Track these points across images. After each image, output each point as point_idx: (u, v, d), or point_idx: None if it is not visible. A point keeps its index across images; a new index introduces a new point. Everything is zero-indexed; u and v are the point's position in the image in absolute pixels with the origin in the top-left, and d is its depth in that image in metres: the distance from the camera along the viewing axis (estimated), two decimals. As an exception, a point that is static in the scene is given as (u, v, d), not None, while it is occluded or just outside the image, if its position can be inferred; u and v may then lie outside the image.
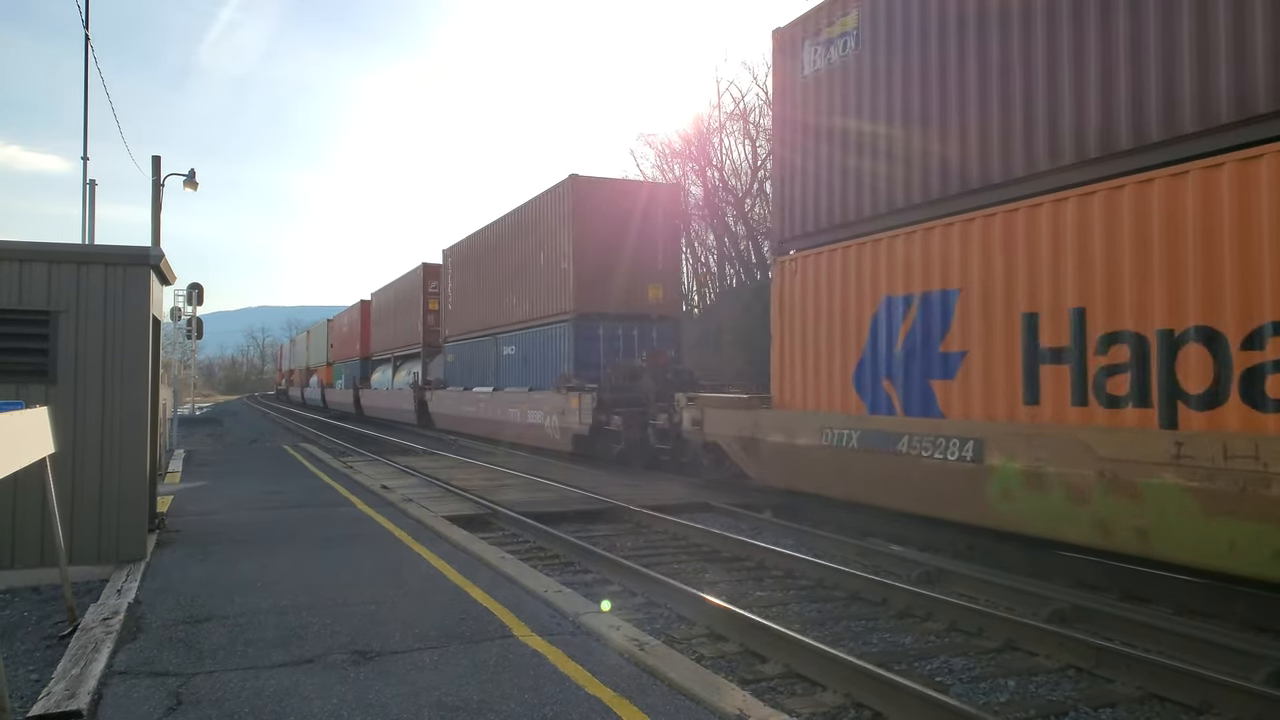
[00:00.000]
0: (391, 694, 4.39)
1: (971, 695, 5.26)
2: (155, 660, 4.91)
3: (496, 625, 5.55)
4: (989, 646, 6.10)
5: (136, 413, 7.27)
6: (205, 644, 5.19)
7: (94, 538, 7.08)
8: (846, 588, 7.62)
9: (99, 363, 7.15)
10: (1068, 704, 5.11)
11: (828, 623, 6.74)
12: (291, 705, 4.25)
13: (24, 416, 5.16)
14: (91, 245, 13.68)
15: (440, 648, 5.11)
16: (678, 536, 10.06)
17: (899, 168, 9.41)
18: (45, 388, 6.97)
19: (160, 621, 5.66)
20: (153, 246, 7.67)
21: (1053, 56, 7.82)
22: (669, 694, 4.38)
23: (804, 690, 5.30)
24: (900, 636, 6.43)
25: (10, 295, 6.97)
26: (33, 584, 6.88)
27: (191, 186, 20.97)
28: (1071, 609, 6.70)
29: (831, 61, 10.41)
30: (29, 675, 4.99)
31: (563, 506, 11.65)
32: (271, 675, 4.66)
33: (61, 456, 6.31)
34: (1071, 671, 5.62)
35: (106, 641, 5.10)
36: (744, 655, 5.90)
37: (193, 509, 10.49)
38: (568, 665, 4.79)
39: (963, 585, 7.74)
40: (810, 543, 9.68)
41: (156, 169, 19.82)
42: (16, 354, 6.99)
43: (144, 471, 7.43)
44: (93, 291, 7.16)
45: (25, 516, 6.81)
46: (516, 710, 4.18)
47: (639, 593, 7.50)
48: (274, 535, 8.77)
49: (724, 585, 7.86)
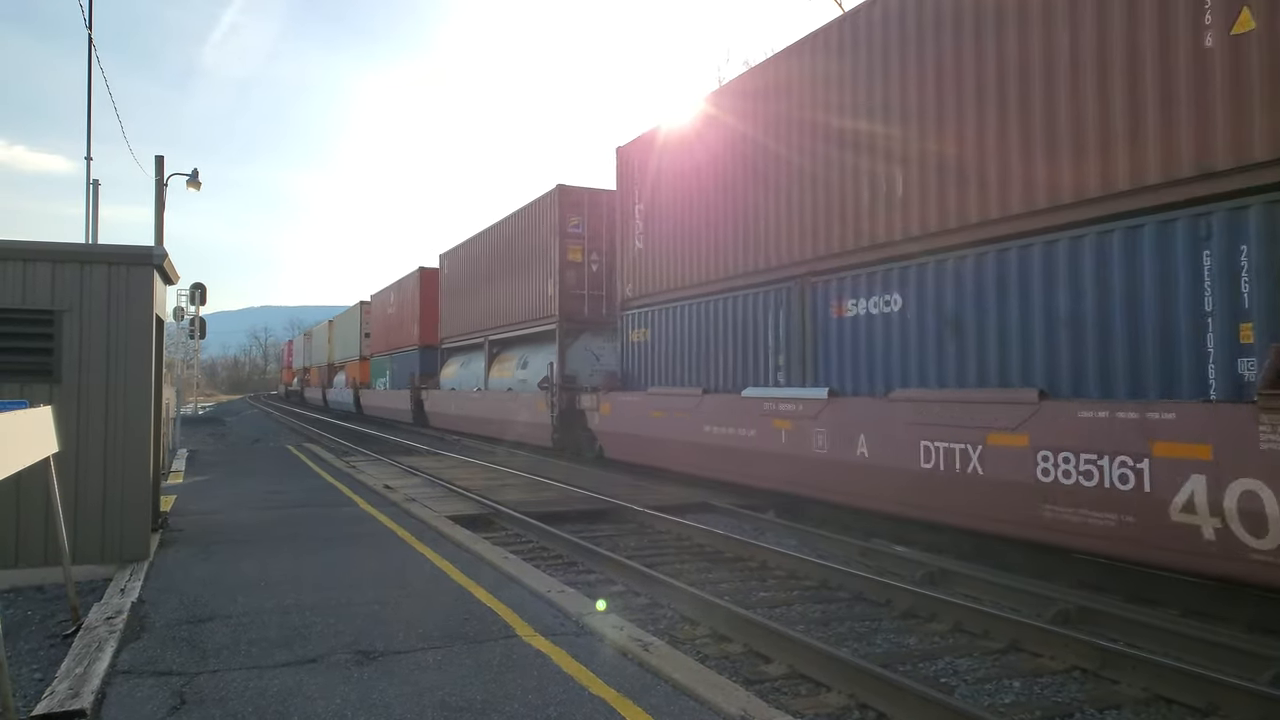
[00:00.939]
0: (395, 694, 4.39)
1: (976, 696, 5.24)
2: (159, 660, 4.91)
3: (500, 625, 5.54)
4: (993, 648, 6.08)
5: (140, 412, 7.28)
6: (208, 643, 5.19)
7: (97, 537, 7.08)
8: (850, 588, 7.60)
9: (102, 362, 7.16)
10: (1073, 705, 5.10)
11: (831, 623, 6.72)
12: (295, 705, 4.24)
13: (28, 416, 5.15)
14: (95, 245, 13.69)
15: (444, 648, 5.10)
16: (681, 537, 10.05)
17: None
18: (49, 387, 6.98)
19: (164, 621, 5.66)
20: (156, 246, 7.67)
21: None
22: (673, 694, 4.37)
23: (808, 691, 5.29)
24: (904, 637, 6.41)
25: (14, 295, 6.98)
26: (36, 583, 6.88)
27: (194, 186, 20.99)
28: (1076, 610, 6.68)
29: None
30: (32, 674, 4.98)
31: (565, 506, 11.64)
32: (275, 675, 4.66)
33: (65, 456, 6.31)
34: (1077, 673, 5.60)
35: (110, 641, 5.10)
36: (748, 656, 5.89)
37: (196, 508, 10.49)
38: (571, 666, 4.78)
39: (966, 586, 7.72)
40: (813, 543, 9.67)
41: (160, 169, 19.85)
42: (20, 353, 7.00)
43: (147, 471, 7.43)
44: (96, 291, 7.17)
45: (29, 516, 6.81)
46: (520, 711, 4.17)
47: (642, 593, 7.49)
48: (277, 535, 8.77)
49: (727, 586, 7.84)
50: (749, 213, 12.20)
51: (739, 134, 12.48)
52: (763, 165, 11.93)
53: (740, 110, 12.55)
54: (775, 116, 11.70)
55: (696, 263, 13.53)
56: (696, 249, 13.51)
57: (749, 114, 12.31)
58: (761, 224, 11.92)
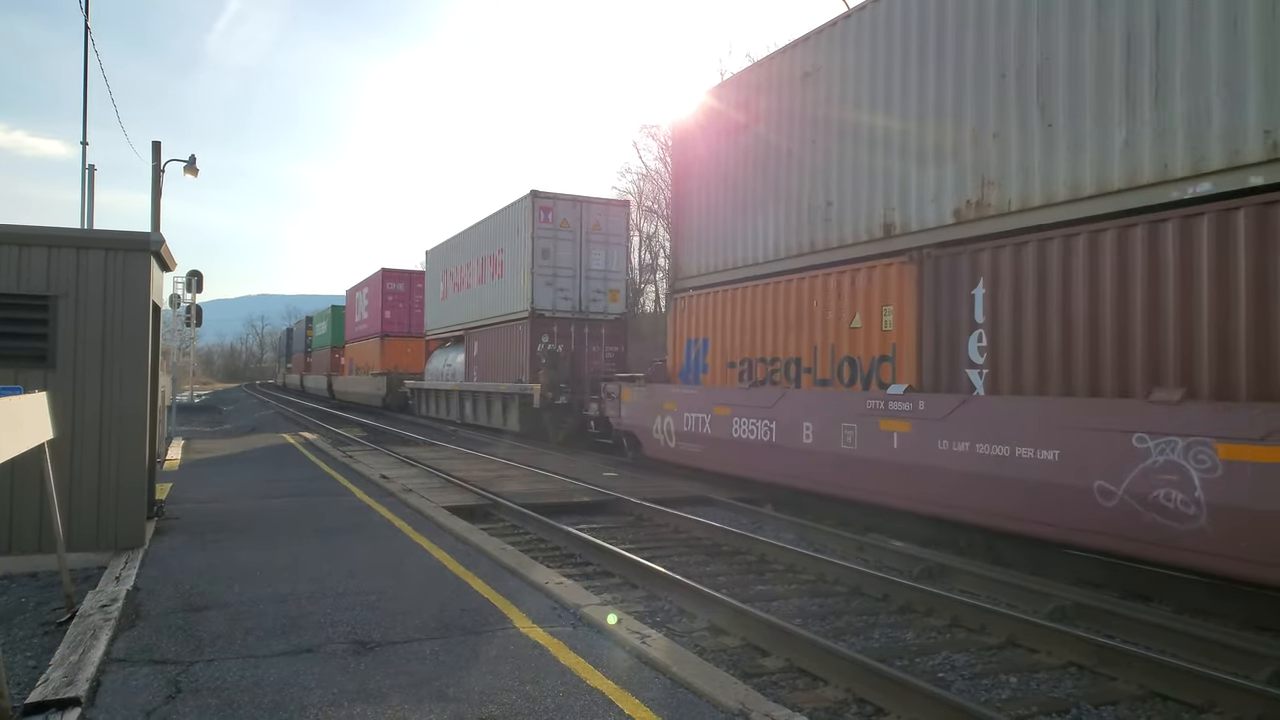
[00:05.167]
0: (391, 684, 4.37)
1: (973, 692, 5.24)
2: (154, 648, 4.89)
3: (497, 616, 5.53)
4: (990, 643, 6.08)
5: (136, 399, 7.23)
6: (204, 632, 5.17)
7: (92, 524, 7.04)
8: (848, 583, 7.59)
9: (98, 348, 7.11)
10: (1069, 701, 5.10)
11: (829, 617, 6.72)
12: (291, 694, 4.22)
13: (22, 402, 5.12)
14: (92, 230, 13.61)
15: (441, 638, 5.08)
16: (679, 529, 10.04)
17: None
18: (44, 373, 6.93)
19: (159, 609, 5.63)
20: (153, 232, 7.61)
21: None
22: (671, 687, 4.36)
23: (805, 685, 5.28)
24: (902, 632, 6.41)
25: (9, 279, 6.92)
26: (30, 570, 6.85)
27: (192, 172, 20.89)
28: (1073, 606, 6.68)
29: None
30: (26, 662, 4.96)
31: (563, 498, 11.62)
32: (271, 664, 4.64)
33: (60, 442, 6.27)
34: (1073, 669, 5.60)
35: (105, 629, 5.07)
36: (745, 649, 5.88)
37: (191, 496, 10.46)
38: (569, 657, 4.77)
39: (964, 581, 7.72)
40: (811, 537, 9.66)
41: (156, 155, 19.74)
42: (15, 339, 6.95)
43: (143, 458, 7.40)
44: (93, 276, 7.11)
45: (23, 502, 6.78)
46: (517, 702, 4.16)
47: (640, 585, 7.48)
48: (273, 524, 8.74)
49: (725, 579, 7.84)
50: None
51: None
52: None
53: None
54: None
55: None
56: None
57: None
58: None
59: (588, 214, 21.74)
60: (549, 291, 21.15)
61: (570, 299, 21.39)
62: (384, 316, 36.96)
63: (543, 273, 21.14)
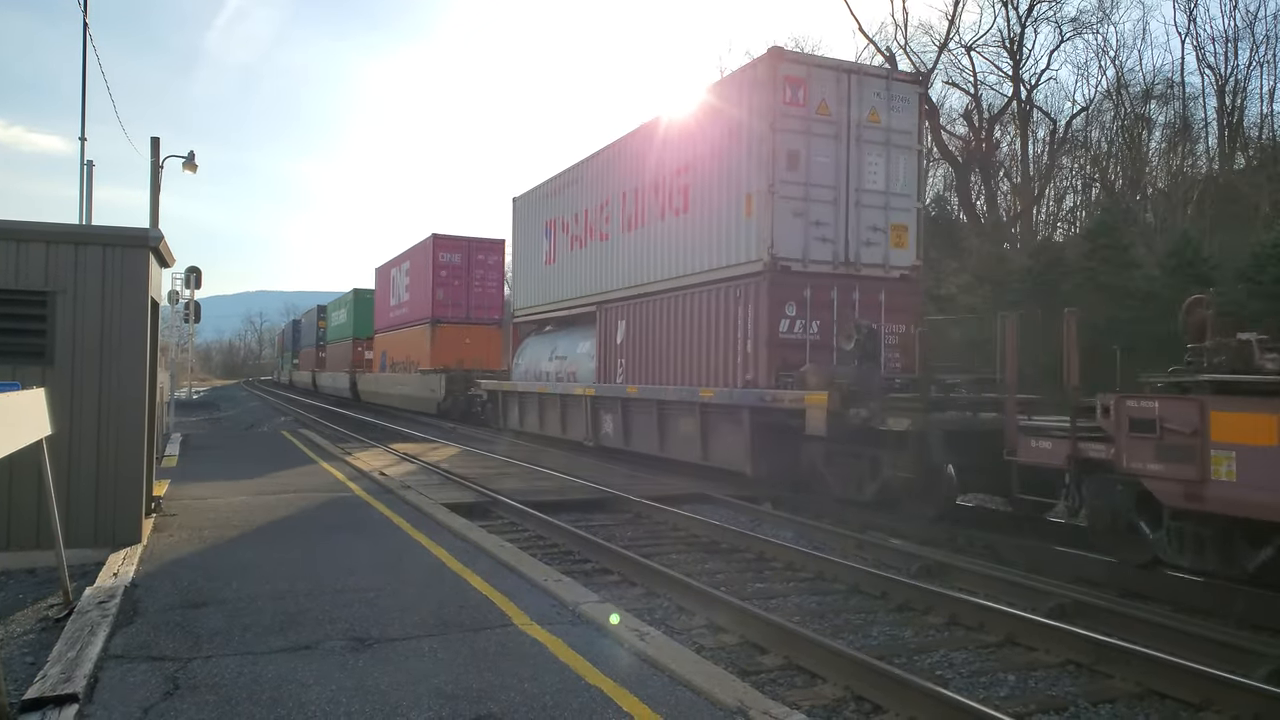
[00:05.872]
0: (390, 681, 4.36)
1: (971, 689, 5.24)
2: (152, 644, 4.88)
3: (496, 613, 5.52)
4: (989, 641, 6.08)
5: (134, 395, 7.22)
6: (202, 628, 5.16)
7: (90, 520, 7.03)
8: (846, 580, 7.59)
9: (96, 344, 7.09)
10: (1067, 699, 5.10)
11: (827, 615, 6.72)
12: (289, 691, 4.22)
13: (20, 398, 5.10)
14: (90, 226, 13.59)
15: (439, 635, 5.08)
16: (677, 527, 10.04)
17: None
18: (42, 369, 6.91)
19: (157, 605, 5.63)
20: (152, 228, 7.60)
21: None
22: (669, 684, 4.36)
23: (804, 682, 5.28)
24: (900, 630, 6.41)
25: (7, 275, 6.90)
26: (28, 566, 6.84)
27: (191, 169, 20.84)
28: (1072, 604, 6.69)
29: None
30: (24, 658, 4.95)
31: (562, 495, 11.62)
32: (269, 661, 4.63)
33: (58, 438, 6.25)
34: (1071, 667, 5.60)
35: (102, 625, 5.06)
36: (744, 647, 5.88)
37: (189, 493, 10.44)
38: (567, 654, 4.76)
39: (962, 579, 7.72)
40: (809, 535, 9.66)
41: (155, 151, 19.69)
42: (13, 334, 6.93)
43: (141, 455, 7.39)
44: (91, 272, 7.09)
45: (21, 498, 6.76)
46: (516, 699, 4.15)
47: (639, 583, 7.47)
48: (271, 520, 8.73)
49: (724, 576, 7.84)
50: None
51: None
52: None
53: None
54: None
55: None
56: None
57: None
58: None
59: (860, 94, 12.81)
60: (798, 228, 12.35)
61: (831, 242, 12.61)
62: (435, 297, 28.80)
63: (788, 195, 12.30)
